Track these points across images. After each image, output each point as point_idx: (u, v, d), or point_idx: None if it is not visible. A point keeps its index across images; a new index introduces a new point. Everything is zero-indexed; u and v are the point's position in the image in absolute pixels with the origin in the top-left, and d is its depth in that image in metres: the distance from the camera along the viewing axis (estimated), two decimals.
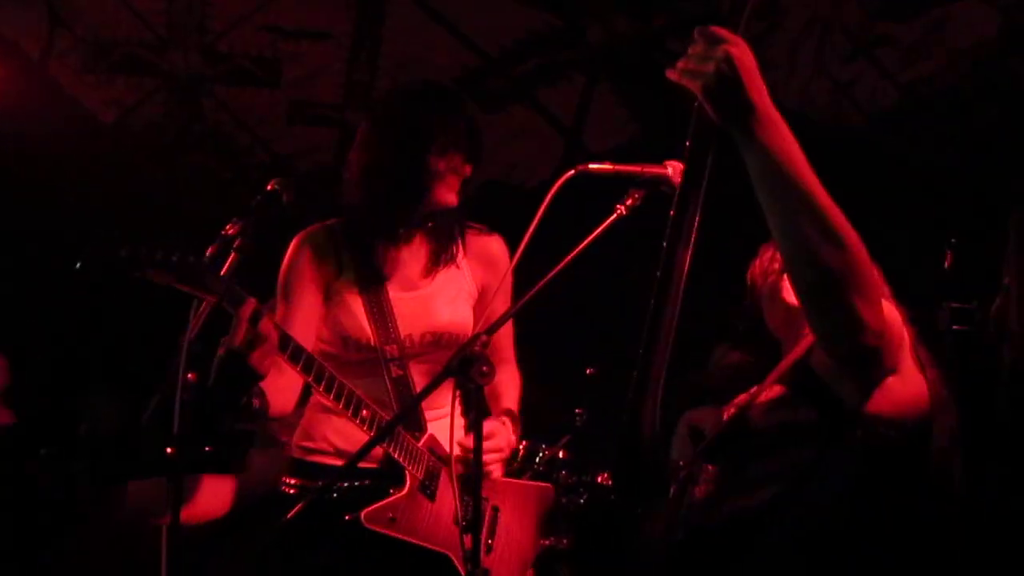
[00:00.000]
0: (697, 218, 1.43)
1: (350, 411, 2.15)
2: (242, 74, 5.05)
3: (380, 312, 2.30)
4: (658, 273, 1.45)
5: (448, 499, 2.26)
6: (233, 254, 2.01)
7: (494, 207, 2.52)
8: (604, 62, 4.93)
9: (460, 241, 2.42)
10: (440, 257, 2.37)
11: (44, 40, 4.84)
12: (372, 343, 2.29)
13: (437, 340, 2.34)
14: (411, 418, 2.30)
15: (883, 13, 4.38)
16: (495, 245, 2.46)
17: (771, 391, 1.64)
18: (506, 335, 2.51)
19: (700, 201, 1.41)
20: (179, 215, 5.14)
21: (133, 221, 5.15)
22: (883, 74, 4.53)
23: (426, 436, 2.32)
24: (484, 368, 1.49)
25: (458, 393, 2.14)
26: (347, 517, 2.15)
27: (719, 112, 1.39)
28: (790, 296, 1.73)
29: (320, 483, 2.22)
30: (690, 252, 1.46)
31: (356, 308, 2.30)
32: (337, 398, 2.13)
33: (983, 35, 4.32)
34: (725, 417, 1.72)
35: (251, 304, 2.01)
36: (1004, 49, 4.30)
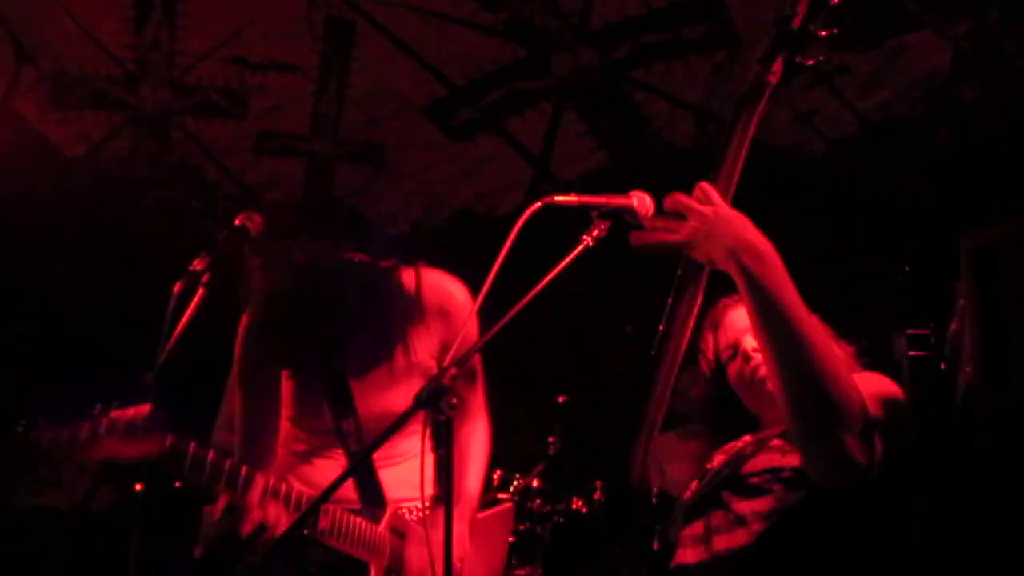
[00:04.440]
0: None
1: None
2: (209, 106, 5.05)
3: (337, 392, 2.27)
4: (662, 324, 1.51)
5: (417, 570, 2.22)
6: (201, 289, 2.01)
7: (463, 235, 2.54)
8: (570, 92, 5.00)
9: (415, 294, 2.35)
10: (394, 344, 2.31)
11: (9, 76, 4.81)
12: (330, 422, 2.28)
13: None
14: (372, 495, 2.26)
15: (842, 43, 4.49)
16: (454, 295, 2.38)
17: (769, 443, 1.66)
18: (472, 386, 2.40)
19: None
20: (148, 250, 5.10)
21: (100, 256, 5.11)
22: (843, 103, 4.64)
23: (387, 515, 2.27)
24: (453, 400, 1.50)
25: (427, 431, 2.13)
26: None
27: (701, 256, 1.51)
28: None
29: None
30: (696, 310, 1.53)
31: (316, 388, 2.29)
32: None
33: (936, 64, 4.44)
34: (715, 464, 1.74)
35: (258, 489, 1.98)
36: (955, 77, 4.43)
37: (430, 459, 2.35)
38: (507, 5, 4.69)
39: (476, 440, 2.41)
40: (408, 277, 2.37)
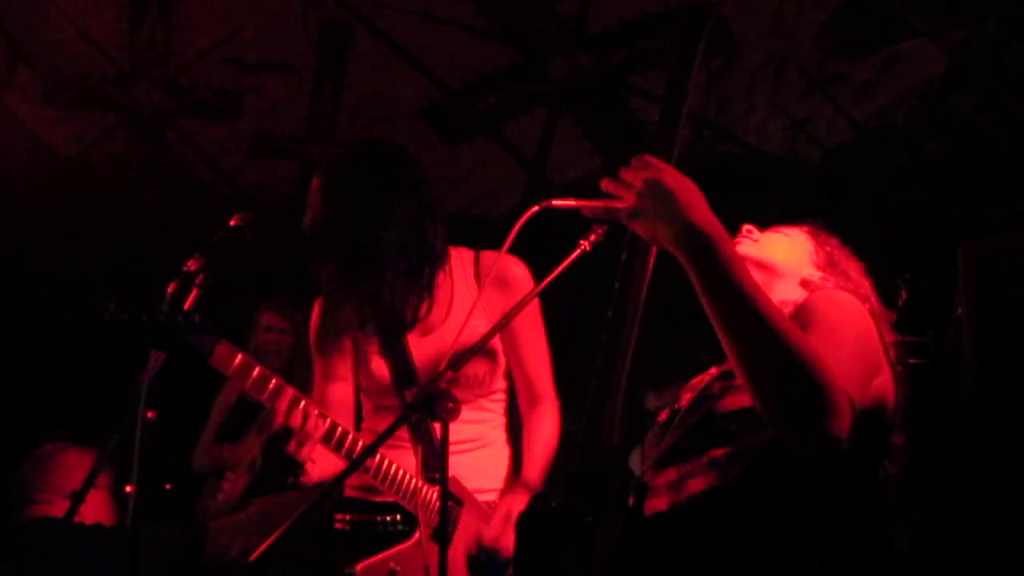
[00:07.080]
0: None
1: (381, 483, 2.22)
2: (204, 107, 5.04)
3: (400, 360, 2.32)
4: (616, 284, 1.47)
5: (463, 540, 2.26)
6: (195, 290, 2.01)
7: (458, 239, 2.54)
8: (566, 96, 5.00)
9: (472, 274, 2.44)
10: (450, 300, 2.40)
11: (3, 74, 4.79)
12: (392, 392, 2.33)
13: (455, 381, 2.31)
14: (434, 462, 2.30)
15: (837, 52, 4.51)
16: (512, 268, 2.41)
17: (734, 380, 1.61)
18: (536, 367, 2.45)
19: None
20: (140, 250, 5.08)
21: (93, 256, 5.08)
22: (838, 110, 4.65)
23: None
24: (449, 405, 1.50)
25: (409, 427, 2.19)
26: (346, 569, 2.16)
27: (644, 233, 1.43)
28: None
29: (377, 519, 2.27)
30: (651, 262, 1.48)
31: (376, 359, 2.35)
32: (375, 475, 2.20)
33: (931, 73, 4.46)
34: (684, 403, 1.70)
35: (286, 398, 2.05)
36: (951, 85, 4.44)
37: (504, 450, 2.40)
38: (504, 9, 4.69)
39: (537, 425, 2.43)
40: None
